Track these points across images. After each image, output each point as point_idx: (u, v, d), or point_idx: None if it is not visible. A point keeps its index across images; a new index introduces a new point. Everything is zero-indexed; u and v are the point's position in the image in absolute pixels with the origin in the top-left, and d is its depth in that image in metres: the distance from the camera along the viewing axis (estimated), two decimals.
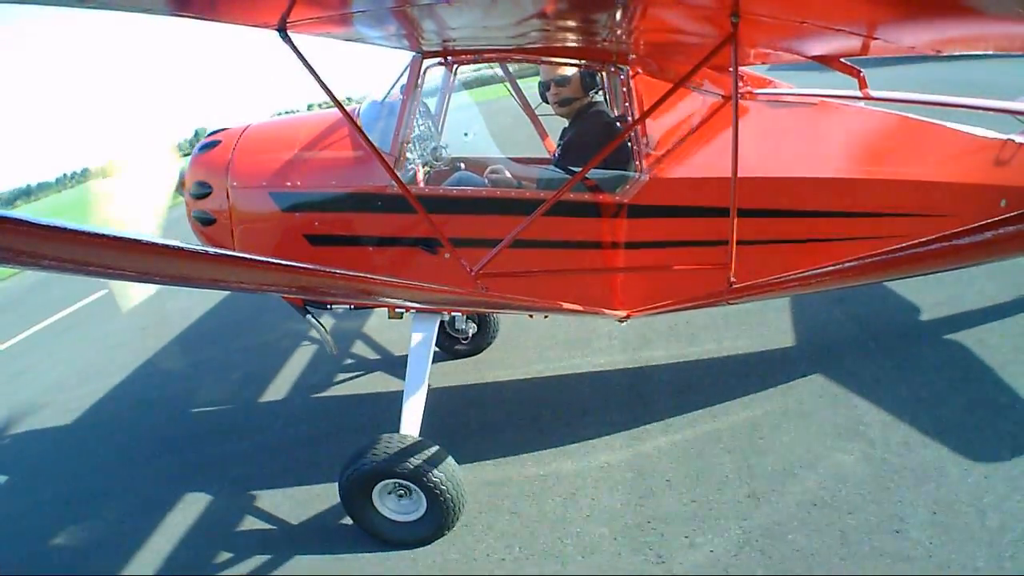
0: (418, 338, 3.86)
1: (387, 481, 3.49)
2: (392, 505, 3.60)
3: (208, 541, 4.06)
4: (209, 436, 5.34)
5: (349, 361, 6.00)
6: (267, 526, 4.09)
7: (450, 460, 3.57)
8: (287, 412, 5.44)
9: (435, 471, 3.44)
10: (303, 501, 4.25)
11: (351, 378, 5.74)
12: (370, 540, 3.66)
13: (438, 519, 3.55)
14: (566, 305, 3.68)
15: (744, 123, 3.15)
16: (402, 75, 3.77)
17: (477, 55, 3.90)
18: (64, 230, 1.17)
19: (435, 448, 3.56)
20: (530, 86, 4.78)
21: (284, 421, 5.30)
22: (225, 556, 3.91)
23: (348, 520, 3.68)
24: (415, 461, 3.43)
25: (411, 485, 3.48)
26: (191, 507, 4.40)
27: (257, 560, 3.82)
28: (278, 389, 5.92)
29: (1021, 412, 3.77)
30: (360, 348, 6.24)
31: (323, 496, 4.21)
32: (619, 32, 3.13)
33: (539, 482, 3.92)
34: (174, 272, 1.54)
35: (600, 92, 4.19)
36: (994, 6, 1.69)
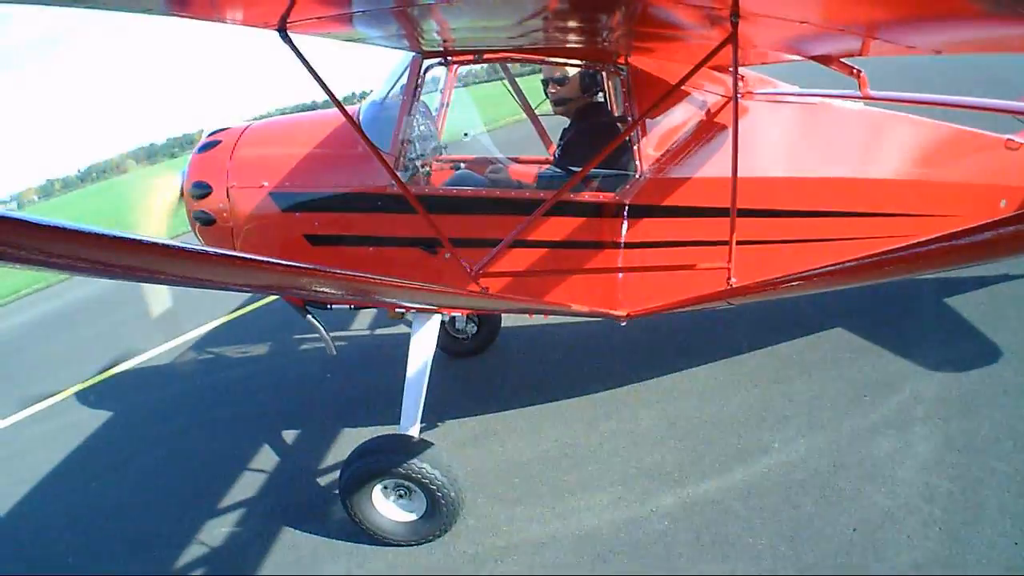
0: (418, 338, 3.86)
1: (387, 481, 3.49)
2: (392, 505, 3.60)
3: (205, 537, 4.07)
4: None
5: (349, 361, 6.00)
6: (265, 526, 4.10)
7: (449, 459, 3.57)
8: (285, 411, 5.45)
9: (435, 470, 3.44)
10: (302, 502, 4.26)
11: (350, 378, 5.75)
12: (370, 539, 3.67)
13: (438, 518, 3.55)
14: (566, 305, 3.67)
15: (744, 123, 3.15)
16: (402, 75, 3.77)
17: (477, 55, 3.90)
18: (65, 230, 1.17)
19: (434, 448, 3.56)
20: (531, 84, 4.77)
21: (282, 421, 5.30)
22: (219, 554, 3.93)
23: (347, 520, 3.68)
24: (414, 461, 3.43)
25: (410, 485, 3.49)
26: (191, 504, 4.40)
27: (257, 559, 3.84)
28: (277, 390, 5.94)
29: (968, 345, 4.32)
30: (360, 348, 6.24)
31: (321, 498, 4.22)
32: (619, 32, 3.12)
33: None
34: (174, 272, 1.54)
35: (600, 92, 4.19)
36: (994, 6, 1.69)
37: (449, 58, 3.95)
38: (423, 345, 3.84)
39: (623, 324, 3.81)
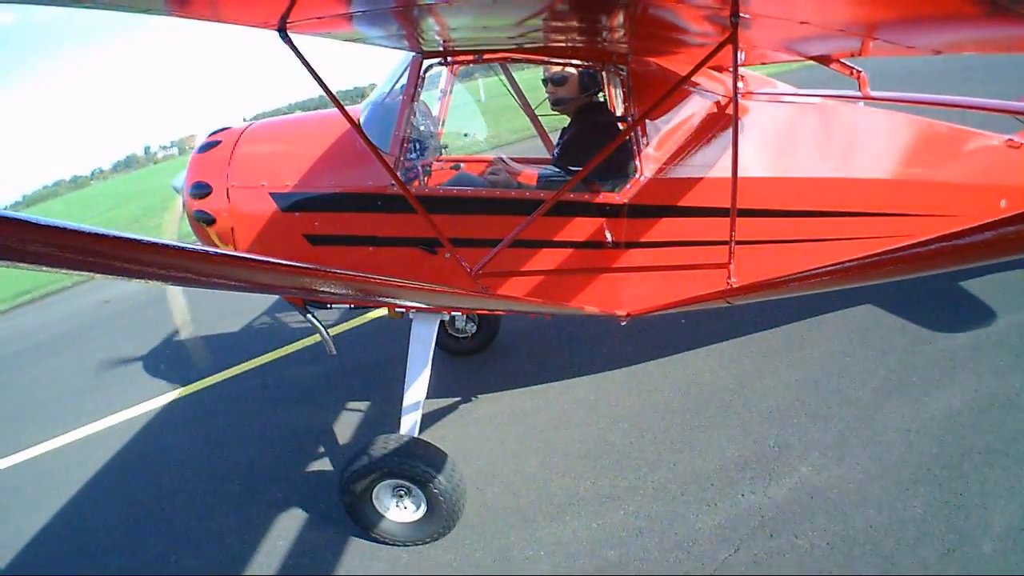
0: (418, 338, 3.86)
1: (387, 481, 3.49)
2: (392, 505, 3.60)
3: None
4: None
5: (349, 361, 6.00)
6: (263, 527, 4.10)
7: (450, 460, 3.57)
8: (287, 413, 5.45)
9: (435, 471, 3.44)
10: (299, 505, 4.26)
11: (350, 378, 5.75)
12: (370, 539, 3.67)
13: (439, 518, 3.55)
14: (566, 305, 3.67)
15: (744, 123, 3.16)
16: (402, 75, 3.77)
17: (477, 55, 3.90)
18: (65, 231, 1.17)
19: (434, 448, 3.56)
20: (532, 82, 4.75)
21: (285, 424, 5.30)
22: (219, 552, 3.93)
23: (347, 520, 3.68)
24: (414, 461, 3.43)
25: (410, 485, 3.49)
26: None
27: (253, 560, 3.84)
28: (276, 392, 5.93)
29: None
30: (360, 348, 6.24)
31: (319, 500, 4.22)
32: (619, 32, 3.12)
33: None
34: (174, 272, 1.54)
35: (600, 92, 4.18)
36: (994, 7, 1.69)
37: (449, 58, 3.95)
38: (423, 345, 3.84)
39: (623, 324, 3.80)
